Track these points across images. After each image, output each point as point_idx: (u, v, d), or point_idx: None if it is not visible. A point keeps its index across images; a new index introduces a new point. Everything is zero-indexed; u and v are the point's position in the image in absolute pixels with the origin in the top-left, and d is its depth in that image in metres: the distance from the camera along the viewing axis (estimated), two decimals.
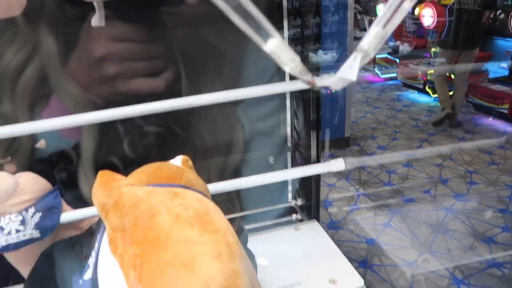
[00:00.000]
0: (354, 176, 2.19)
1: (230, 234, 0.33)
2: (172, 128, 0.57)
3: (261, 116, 0.66)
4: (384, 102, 3.72)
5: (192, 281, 0.28)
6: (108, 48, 0.48)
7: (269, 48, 0.29)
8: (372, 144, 2.71)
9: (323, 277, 0.51)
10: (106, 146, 0.54)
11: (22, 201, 0.46)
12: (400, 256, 1.50)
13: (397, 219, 1.76)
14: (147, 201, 0.33)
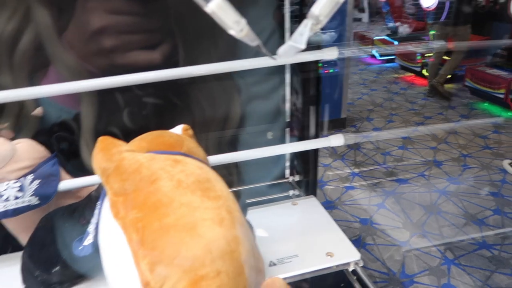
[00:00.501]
0: (350, 157, 2.20)
1: (231, 201, 0.33)
2: (171, 99, 0.57)
3: (258, 88, 0.66)
4: (381, 85, 3.71)
5: (195, 245, 0.28)
6: (105, 21, 0.47)
7: (211, 8, 0.27)
8: (368, 126, 2.72)
9: (320, 250, 0.52)
10: (106, 117, 0.54)
11: (20, 167, 0.45)
12: (393, 236, 1.53)
13: (391, 200, 1.78)
14: (149, 166, 0.33)
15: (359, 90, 3.49)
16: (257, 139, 0.71)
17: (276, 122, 0.71)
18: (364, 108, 3.07)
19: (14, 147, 0.45)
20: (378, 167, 2.11)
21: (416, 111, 3.01)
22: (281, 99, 0.69)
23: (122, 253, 0.29)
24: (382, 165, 2.11)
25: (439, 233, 1.55)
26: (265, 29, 0.62)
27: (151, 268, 0.27)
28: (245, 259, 0.30)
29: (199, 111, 0.59)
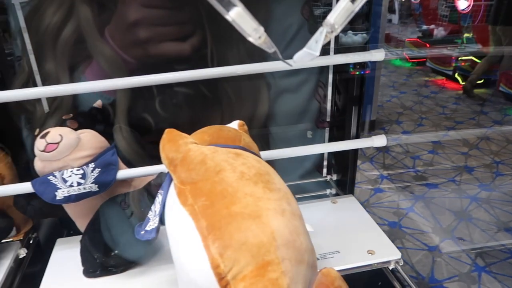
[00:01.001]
0: (378, 159, 2.19)
1: (289, 194, 0.35)
2: (201, 89, 0.59)
3: (288, 84, 0.67)
4: (411, 87, 3.65)
5: (260, 232, 0.30)
6: (140, 14, 0.51)
7: (231, 17, 0.28)
8: (397, 129, 2.69)
9: (361, 248, 0.53)
10: (139, 104, 0.57)
11: (83, 156, 0.48)
12: (422, 240, 1.51)
13: (420, 204, 1.76)
14: (213, 158, 0.35)
15: (389, 93, 3.44)
16: (295, 137, 0.73)
17: (308, 120, 0.72)
18: (394, 110, 3.04)
19: (78, 136, 0.48)
20: (407, 170, 2.08)
21: (447, 116, 2.96)
22: (314, 96, 0.69)
23: (190, 237, 0.31)
24: (412, 169, 2.09)
25: (469, 240, 1.52)
26: (292, 24, 0.64)
27: (221, 252, 0.29)
28: (305, 248, 0.32)
29: (227, 104, 0.62)
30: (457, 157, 2.24)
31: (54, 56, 0.55)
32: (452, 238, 1.51)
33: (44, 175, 0.48)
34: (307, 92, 0.69)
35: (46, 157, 0.47)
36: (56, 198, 0.48)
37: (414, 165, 2.13)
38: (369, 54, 0.55)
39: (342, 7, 0.28)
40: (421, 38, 4.10)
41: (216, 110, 0.62)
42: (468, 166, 2.14)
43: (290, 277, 0.29)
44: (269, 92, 0.65)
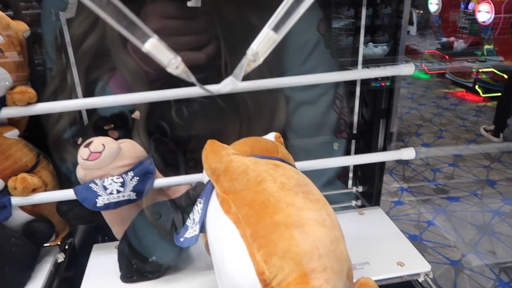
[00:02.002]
0: (398, 171, 2.17)
1: (327, 205, 0.36)
2: (216, 101, 0.61)
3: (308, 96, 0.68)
4: (430, 99, 3.62)
5: (303, 241, 0.31)
6: (159, 24, 0.54)
7: (146, 48, 0.28)
8: (416, 141, 2.67)
9: (390, 259, 0.54)
10: (156, 112, 0.59)
11: (123, 165, 0.51)
12: (444, 254, 1.50)
13: (442, 217, 1.74)
14: (254, 168, 0.37)
15: (407, 104, 3.42)
16: (315, 148, 0.74)
17: (328, 131, 0.73)
18: (413, 122, 3.02)
19: (119, 146, 0.50)
20: (428, 183, 2.06)
21: (467, 128, 2.92)
22: (332, 107, 0.70)
23: (235, 245, 0.33)
24: (432, 182, 2.07)
25: (492, 255, 1.50)
26: (309, 40, 0.65)
27: (266, 259, 0.30)
28: (345, 258, 0.33)
29: (244, 114, 0.63)
30: (479, 170, 2.21)
31: (80, 65, 0.58)
32: (475, 253, 1.49)
33: (86, 182, 0.51)
34: (325, 104, 0.70)
35: (89, 165, 0.49)
36: (96, 205, 0.50)
37: (434, 178, 2.11)
38: (398, 68, 0.56)
39: (264, 36, 0.28)
40: (440, 50, 4.07)
41: (233, 120, 0.64)
42: (490, 179, 2.11)
43: (333, 285, 0.30)
44: (287, 104, 0.66)
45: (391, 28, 0.72)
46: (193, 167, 0.64)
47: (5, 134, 0.50)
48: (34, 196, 0.51)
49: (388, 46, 0.96)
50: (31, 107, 0.49)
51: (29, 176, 0.50)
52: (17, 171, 0.50)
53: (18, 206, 0.51)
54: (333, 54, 0.67)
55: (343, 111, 0.71)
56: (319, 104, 0.70)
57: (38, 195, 0.51)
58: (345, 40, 0.99)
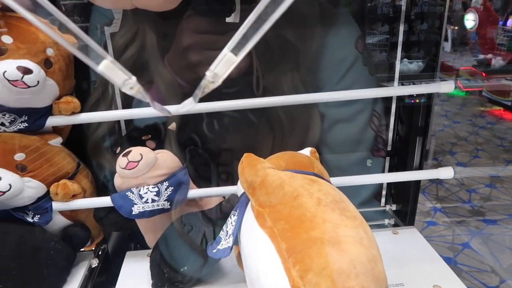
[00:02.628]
0: (431, 191, 2.11)
1: (364, 222, 0.36)
2: (247, 115, 0.61)
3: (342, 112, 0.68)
4: (465, 117, 3.51)
5: (340, 259, 0.30)
6: (192, 39, 0.55)
7: (100, 69, 0.28)
8: (451, 160, 2.58)
9: (426, 281, 0.52)
10: (188, 124, 0.61)
11: (159, 174, 0.52)
12: (480, 279, 1.43)
13: (477, 240, 1.67)
14: (290, 183, 0.36)
15: (441, 122, 3.33)
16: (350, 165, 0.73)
17: (363, 149, 0.72)
18: (447, 141, 2.93)
19: (156, 156, 0.51)
20: (462, 204, 1.99)
21: (505, 148, 2.81)
22: (369, 125, 0.70)
23: (270, 259, 0.33)
24: (468, 203, 1.99)
25: None
26: (347, 57, 0.65)
27: (302, 275, 0.30)
28: (383, 277, 0.32)
29: (277, 129, 0.63)
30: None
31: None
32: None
33: (122, 191, 0.52)
34: (362, 121, 0.69)
35: (126, 174, 0.50)
36: (132, 213, 0.51)
37: (470, 199, 2.03)
38: (437, 86, 0.55)
39: (222, 58, 0.28)
40: (476, 67, 3.96)
41: (266, 135, 0.64)
42: None
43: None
44: (322, 121, 0.66)
45: (427, 44, 0.71)
46: (224, 180, 0.64)
47: (50, 141, 0.52)
48: (73, 202, 0.52)
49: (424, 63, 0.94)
50: (75, 116, 0.51)
51: (70, 182, 0.52)
52: (59, 178, 0.52)
53: (58, 211, 0.53)
54: (371, 71, 0.66)
55: (380, 129, 0.70)
56: (356, 122, 0.69)
57: (78, 201, 0.53)
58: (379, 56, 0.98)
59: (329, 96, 0.54)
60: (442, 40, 1.38)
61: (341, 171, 0.62)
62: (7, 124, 0.49)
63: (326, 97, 0.54)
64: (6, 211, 0.49)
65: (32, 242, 0.49)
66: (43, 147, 0.50)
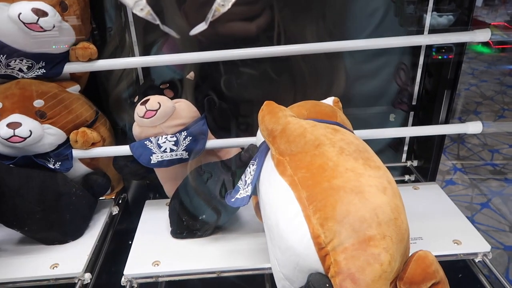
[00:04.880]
0: (452, 150, 2.07)
1: (388, 173, 0.35)
2: (267, 72, 0.59)
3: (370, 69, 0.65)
4: (493, 76, 3.36)
5: (363, 207, 0.30)
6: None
7: None
8: (474, 119, 2.50)
9: (446, 236, 0.51)
10: (206, 81, 0.59)
11: (177, 124, 0.51)
12: (497, 239, 1.42)
13: (497, 200, 1.64)
14: (312, 131, 0.35)
15: (467, 81, 3.20)
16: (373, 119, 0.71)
17: (387, 102, 0.69)
18: (472, 100, 2.83)
19: (174, 105, 0.51)
20: (484, 163, 1.95)
21: None
22: (394, 78, 0.67)
23: (290, 206, 0.32)
24: (489, 163, 1.95)
25: None
26: (379, 8, 0.62)
27: (322, 223, 0.30)
28: (405, 228, 0.31)
29: (301, 83, 0.61)
30: None
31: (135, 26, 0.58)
32: None
33: (141, 140, 0.52)
34: (387, 75, 0.67)
35: (145, 123, 0.50)
36: (151, 162, 0.51)
37: (492, 159, 1.98)
38: (471, 34, 0.52)
39: None
40: (509, 23, 3.75)
41: (286, 91, 0.62)
42: None
43: (391, 254, 0.29)
44: (346, 74, 0.63)
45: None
46: (244, 131, 0.64)
47: (68, 89, 0.52)
48: (93, 150, 0.53)
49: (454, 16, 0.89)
50: (92, 63, 0.50)
51: (89, 130, 0.52)
52: (78, 126, 0.52)
53: (78, 158, 0.54)
54: (402, 22, 0.63)
55: (406, 83, 0.67)
56: (381, 76, 0.67)
57: (97, 149, 0.53)
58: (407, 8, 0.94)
59: (356, 44, 0.51)
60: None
61: (363, 124, 0.61)
62: (25, 70, 0.48)
63: (352, 45, 0.51)
64: (29, 157, 0.49)
65: (54, 187, 0.49)
66: (61, 94, 0.50)
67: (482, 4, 5.03)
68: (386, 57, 0.66)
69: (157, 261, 0.48)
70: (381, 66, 0.67)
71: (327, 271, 0.29)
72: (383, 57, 0.66)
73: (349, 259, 0.28)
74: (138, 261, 0.48)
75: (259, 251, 0.48)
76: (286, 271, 0.33)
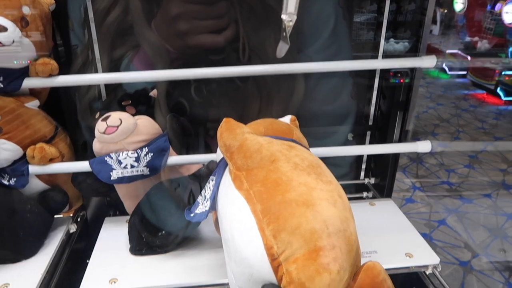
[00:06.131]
0: (411, 170, 2.15)
1: (339, 187, 0.36)
2: (234, 80, 0.63)
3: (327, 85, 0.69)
4: (449, 100, 3.55)
5: (314, 219, 0.31)
6: (181, 8, 0.56)
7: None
8: (432, 140, 2.62)
9: (399, 249, 0.53)
10: (177, 89, 0.61)
11: (138, 140, 0.51)
12: (453, 254, 1.48)
13: (453, 218, 1.72)
14: (268, 148, 0.37)
15: (425, 104, 3.37)
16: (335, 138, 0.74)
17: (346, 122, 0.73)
18: (429, 122, 2.97)
19: (136, 121, 0.51)
20: (441, 183, 2.04)
21: (485, 131, 2.86)
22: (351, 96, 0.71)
23: (245, 220, 0.33)
24: (446, 182, 2.04)
25: (503, 258, 1.48)
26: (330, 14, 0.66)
27: (275, 234, 0.31)
28: (355, 239, 0.33)
29: (264, 92, 0.64)
30: (495, 173, 2.17)
31: (102, 40, 0.59)
32: (486, 255, 1.47)
33: (101, 156, 0.52)
34: (344, 93, 0.70)
35: (105, 139, 0.50)
36: (111, 178, 0.51)
37: (448, 178, 2.08)
38: (419, 60, 0.56)
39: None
40: (463, 51, 3.99)
41: (252, 98, 0.65)
42: (506, 183, 2.07)
43: (340, 263, 0.30)
44: (305, 80, 0.67)
45: (414, 25, 0.71)
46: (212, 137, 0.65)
47: (26, 104, 0.51)
48: (51, 166, 0.52)
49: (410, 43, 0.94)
50: (53, 79, 0.50)
51: (47, 146, 0.51)
52: (36, 141, 0.52)
53: (35, 174, 0.53)
54: None
55: (383, 112, 0.71)
56: (338, 95, 0.71)
57: (55, 165, 0.52)
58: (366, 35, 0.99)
59: (310, 67, 0.54)
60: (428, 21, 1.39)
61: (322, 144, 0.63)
62: None
63: (307, 67, 0.54)
64: None
65: (7, 204, 0.48)
66: (19, 109, 0.49)
67: (439, 33, 5.31)
68: (344, 77, 0.70)
69: (114, 278, 0.47)
70: (338, 85, 0.70)
71: (279, 282, 0.30)
72: (341, 77, 0.69)
73: (300, 269, 0.29)
74: (94, 278, 0.47)
75: (218, 266, 0.49)
76: (241, 283, 0.33)
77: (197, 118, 0.62)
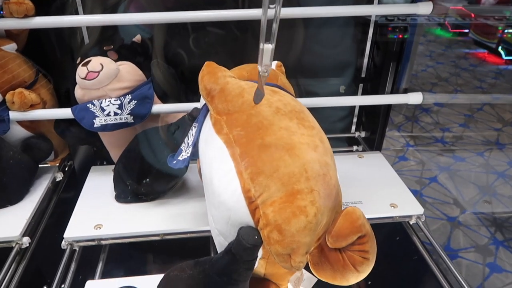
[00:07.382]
0: (406, 128, 2.15)
1: (322, 133, 0.36)
2: (233, 30, 0.61)
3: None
4: (449, 58, 3.49)
5: (292, 162, 0.30)
6: None
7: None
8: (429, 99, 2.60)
9: (384, 200, 0.54)
10: (175, 39, 0.59)
11: (121, 87, 0.50)
12: (442, 210, 1.51)
13: (445, 175, 1.73)
14: (250, 92, 0.35)
15: (425, 62, 3.31)
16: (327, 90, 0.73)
17: (348, 76, 0.71)
18: (428, 81, 2.93)
19: (118, 67, 0.49)
20: (435, 141, 2.04)
21: (483, 90, 2.84)
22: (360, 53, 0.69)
23: (224, 163, 0.32)
24: (440, 141, 2.05)
25: (490, 214, 1.51)
26: None
27: (253, 178, 0.30)
28: (334, 184, 0.33)
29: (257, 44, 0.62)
30: (489, 133, 2.17)
31: None
32: (474, 211, 1.50)
33: (84, 103, 0.50)
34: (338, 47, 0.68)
35: (87, 85, 0.49)
36: (94, 126, 0.50)
37: (443, 137, 2.08)
38: (415, 7, 0.53)
39: (263, 52, 0.30)
40: (467, 7, 3.87)
41: (251, 51, 0.62)
42: (499, 142, 2.08)
43: (318, 207, 0.30)
44: (304, 30, 0.65)
45: None
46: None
47: (3, 47, 0.49)
48: (32, 112, 0.51)
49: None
50: (28, 20, 0.48)
51: (27, 91, 0.50)
52: (15, 87, 0.50)
53: (16, 121, 0.52)
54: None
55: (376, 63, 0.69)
56: (332, 48, 0.69)
57: (36, 111, 0.51)
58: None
59: (308, 12, 0.51)
60: None
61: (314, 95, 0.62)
62: None
63: (304, 12, 0.51)
64: None
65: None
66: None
67: None
68: (338, 30, 0.67)
69: (99, 224, 0.47)
70: (333, 38, 0.68)
71: (256, 224, 0.30)
72: (335, 29, 0.67)
73: (277, 211, 0.29)
74: (79, 224, 0.47)
75: (203, 214, 0.49)
76: (220, 226, 0.33)
77: (196, 69, 0.60)
